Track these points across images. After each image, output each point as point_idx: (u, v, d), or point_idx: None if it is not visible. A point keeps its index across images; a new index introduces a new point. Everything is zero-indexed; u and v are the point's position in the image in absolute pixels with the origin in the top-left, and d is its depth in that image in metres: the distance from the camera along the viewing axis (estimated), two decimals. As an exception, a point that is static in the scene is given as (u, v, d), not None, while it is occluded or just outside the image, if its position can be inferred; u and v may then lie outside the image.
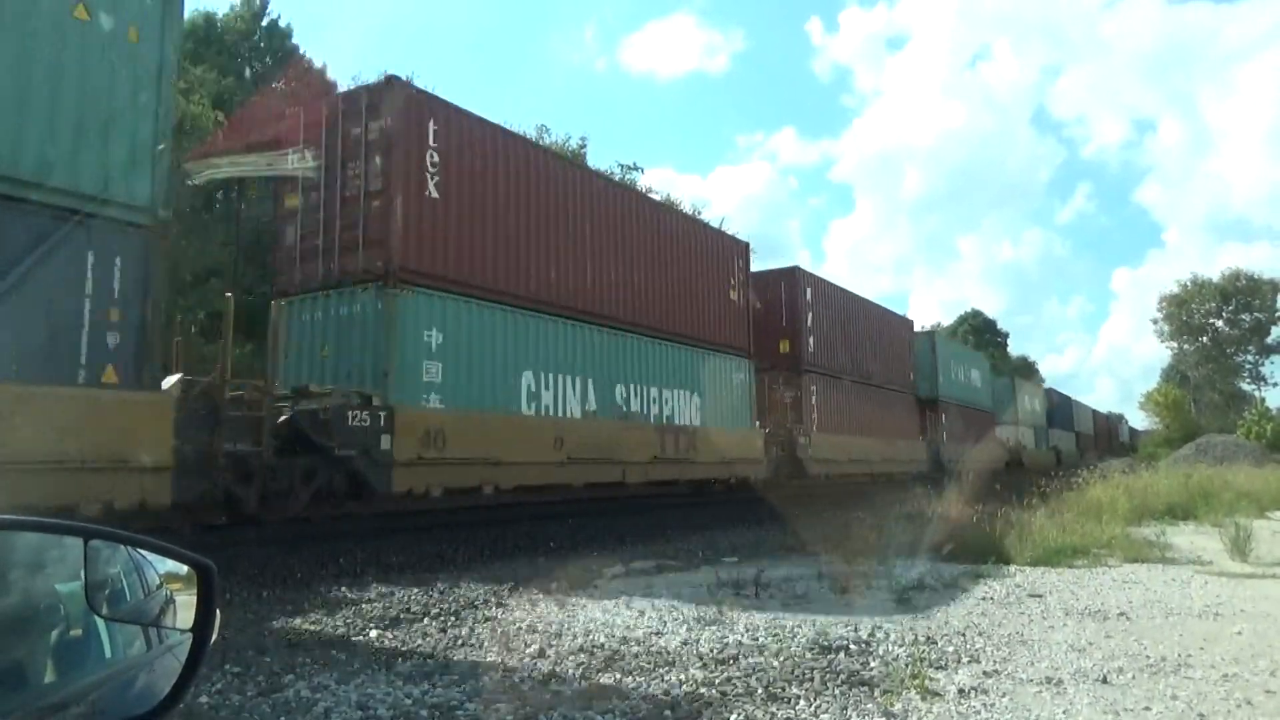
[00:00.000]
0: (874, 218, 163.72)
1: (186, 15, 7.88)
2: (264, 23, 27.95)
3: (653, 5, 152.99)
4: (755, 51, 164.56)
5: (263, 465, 8.43)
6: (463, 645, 5.44)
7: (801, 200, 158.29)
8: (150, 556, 1.24)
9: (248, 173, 7.56)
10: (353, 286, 10.33)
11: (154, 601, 1.24)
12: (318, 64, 28.03)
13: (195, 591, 1.23)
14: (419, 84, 12.05)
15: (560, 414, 12.34)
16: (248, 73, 26.53)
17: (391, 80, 10.73)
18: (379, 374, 9.86)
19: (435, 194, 10.55)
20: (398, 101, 10.40)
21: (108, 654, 1.13)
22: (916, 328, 34.92)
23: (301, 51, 28.13)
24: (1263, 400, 61.24)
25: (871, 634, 5.59)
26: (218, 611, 1.22)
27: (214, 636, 1.21)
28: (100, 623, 1.12)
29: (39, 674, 1.03)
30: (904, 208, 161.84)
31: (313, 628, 6.01)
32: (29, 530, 1.08)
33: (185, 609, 1.23)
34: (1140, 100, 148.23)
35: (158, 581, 1.25)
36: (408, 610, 6.61)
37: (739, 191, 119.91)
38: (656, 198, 30.57)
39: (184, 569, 1.24)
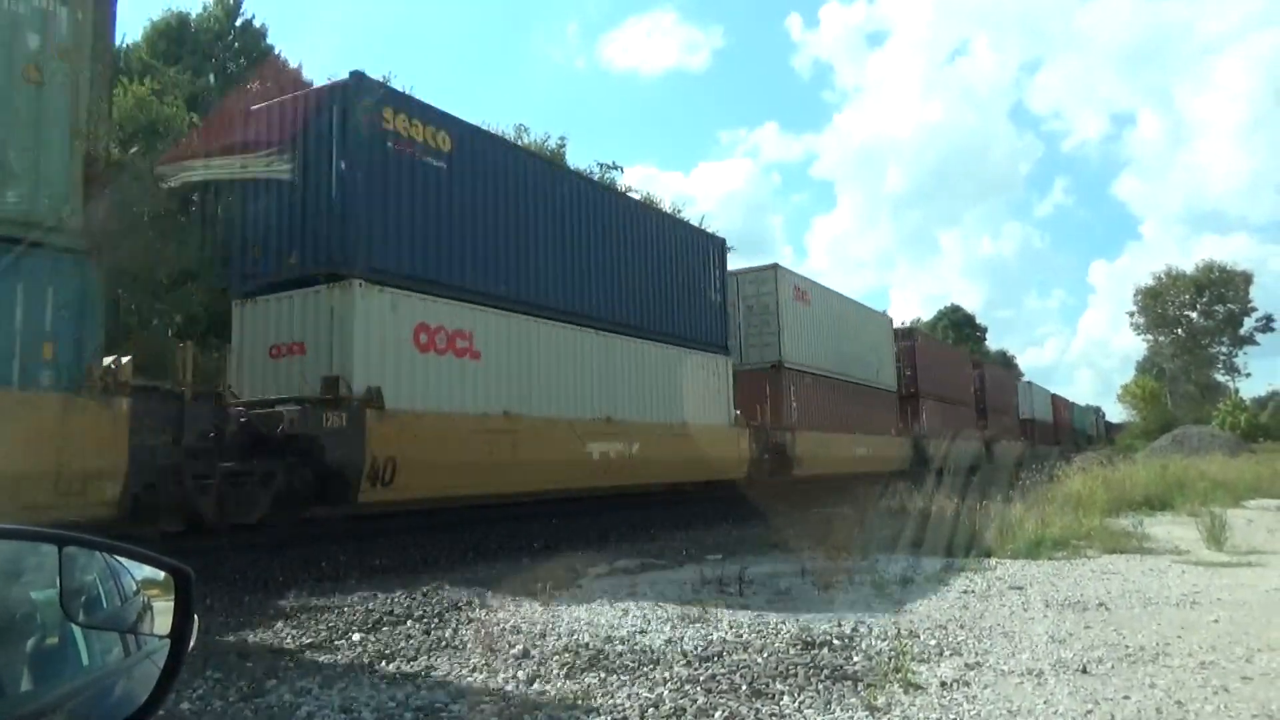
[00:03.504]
0: (856, 213, 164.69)
1: (159, 15, 7.82)
2: (238, 22, 27.69)
3: (633, 2, 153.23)
4: (736, 48, 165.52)
5: None
6: (447, 647, 5.42)
7: (784, 197, 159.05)
8: (126, 563, 1.23)
9: (221, 175, 7.47)
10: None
11: (131, 608, 1.23)
12: (293, 64, 27.75)
13: (173, 597, 1.22)
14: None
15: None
16: (230, 69, 26.28)
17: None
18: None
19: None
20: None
21: (85, 661, 1.12)
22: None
23: (277, 51, 27.89)
24: (1237, 391, 62.13)
25: (854, 629, 5.63)
26: (196, 617, 1.21)
27: (192, 642, 1.20)
28: (77, 630, 1.11)
29: (15, 683, 1.01)
30: (885, 203, 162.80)
31: (295, 632, 5.97)
32: (2, 539, 1.07)
33: (163, 615, 1.21)
34: (1118, 94, 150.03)
35: (135, 587, 1.24)
36: (391, 613, 6.58)
37: (722, 188, 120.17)
38: (636, 195, 30.55)
39: (161, 574, 1.23)
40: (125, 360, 7.12)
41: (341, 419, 8.94)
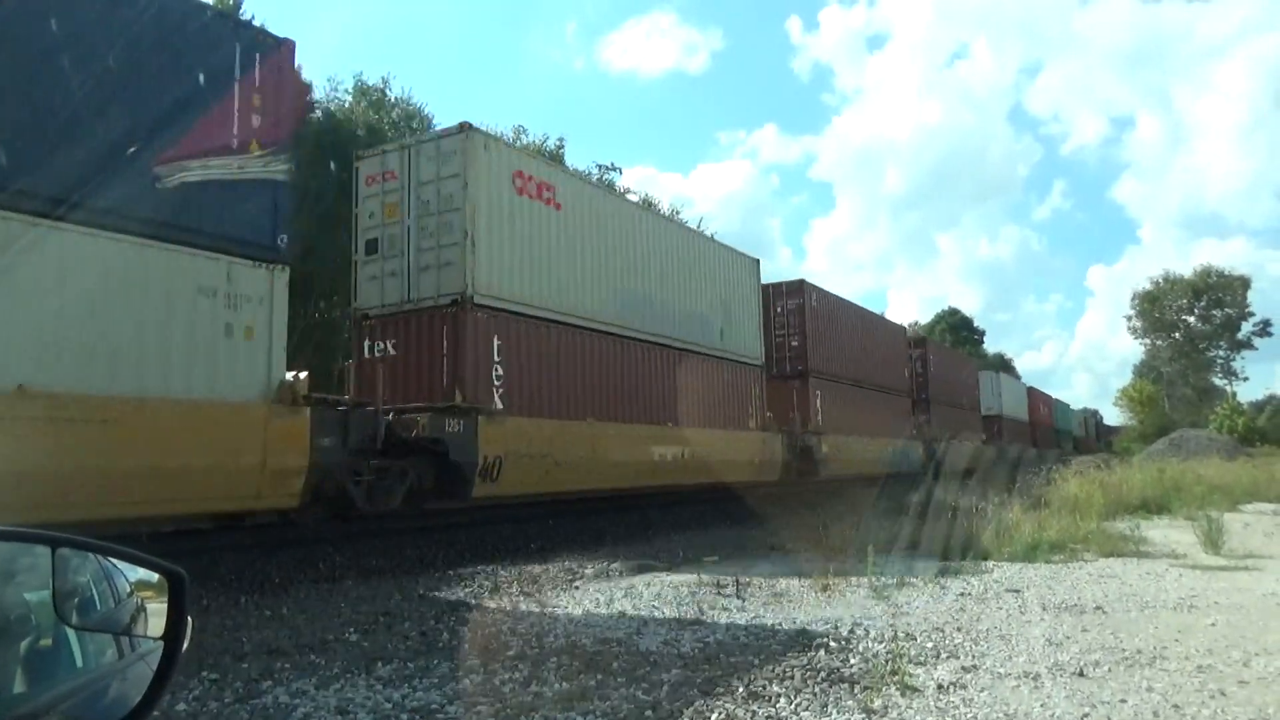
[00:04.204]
0: (854, 215, 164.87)
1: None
2: (237, 23, 27.72)
3: (632, 3, 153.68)
4: (735, 50, 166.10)
5: None
6: (443, 648, 5.42)
7: (783, 198, 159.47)
8: (120, 564, 1.22)
9: (216, 175, 7.45)
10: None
11: (124, 610, 1.23)
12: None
13: (166, 599, 1.21)
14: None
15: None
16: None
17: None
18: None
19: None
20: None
21: (78, 663, 1.12)
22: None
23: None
24: (1234, 395, 62.12)
25: (851, 631, 5.62)
26: (189, 619, 1.20)
27: (186, 644, 1.20)
28: (71, 632, 1.11)
29: (8, 684, 1.01)
30: (884, 205, 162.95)
31: (291, 632, 5.96)
32: (-5, 539, 1.07)
33: (157, 617, 1.21)
34: (1117, 96, 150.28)
35: (128, 589, 1.23)
36: (387, 614, 6.58)
37: (720, 189, 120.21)
38: (635, 197, 30.31)
39: (155, 576, 1.22)
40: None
41: None
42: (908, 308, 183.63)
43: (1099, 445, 68.66)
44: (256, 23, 26.49)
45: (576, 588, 7.71)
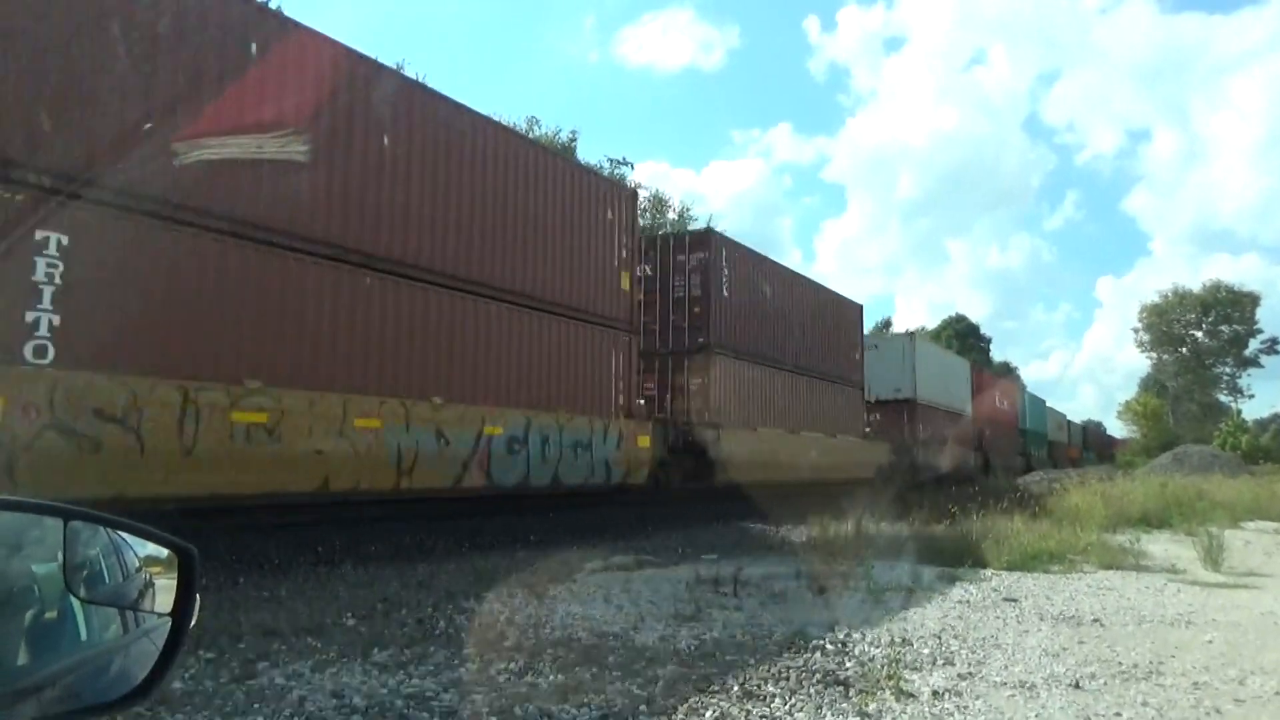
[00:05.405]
0: (865, 218, 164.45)
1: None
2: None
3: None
4: (752, 48, 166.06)
5: None
6: (440, 636, 5.43)
7: (795, 199, 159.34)
8: (131, 539, 1.22)
9: (235, 154, 7.47)
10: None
11: (133, 584, 1.22)
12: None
13: (175, 575, 1.21)
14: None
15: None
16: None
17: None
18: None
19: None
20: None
21: (84, 637, 1.11)
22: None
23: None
24: (1239, 412, 61.94)
25: (848, 634, 5.63)
26: (198, 596, 1.20)
27: (194, 621, 1.19)
28: (77, 605, 1.10)
29: (11, 656, 1.01)
30: (896, 209, 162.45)
31: (288, 615, 5.97)
32: (7, 510, 1.07)
33: (165, 593, 1.21)
34: (1134, 109, 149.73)
35: (137, 564, 1.23)
36: (385, 600, 6.59)
37: (732, 187, 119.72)
38: (646, 192, 30.20)
39: (164, 552, 1.22)
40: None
41: None
42: (916, 313, 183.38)
43: (1088, 457, 66.48)
44: (273, 5, 26.37)
45: (574, 581, 7.71)
